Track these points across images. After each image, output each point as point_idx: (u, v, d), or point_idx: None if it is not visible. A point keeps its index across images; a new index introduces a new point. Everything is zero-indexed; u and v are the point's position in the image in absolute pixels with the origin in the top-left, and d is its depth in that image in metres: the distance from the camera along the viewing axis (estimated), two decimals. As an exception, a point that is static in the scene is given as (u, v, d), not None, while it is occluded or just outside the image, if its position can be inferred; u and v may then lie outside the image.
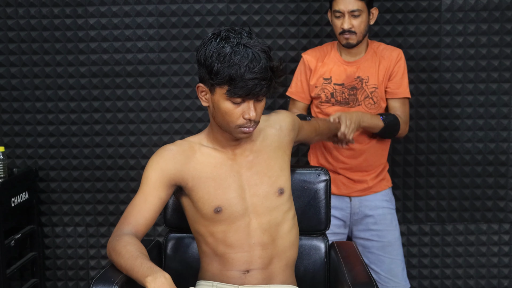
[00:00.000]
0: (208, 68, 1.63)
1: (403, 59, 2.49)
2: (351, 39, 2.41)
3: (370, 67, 2.48)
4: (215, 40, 1.64)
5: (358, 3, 2.36)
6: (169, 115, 2.98)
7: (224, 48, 1.61)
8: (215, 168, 1.77)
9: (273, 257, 1.80)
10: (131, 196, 3.02)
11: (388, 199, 2.59)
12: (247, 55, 1.60)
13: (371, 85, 2.46)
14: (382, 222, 2.55)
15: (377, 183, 2.56)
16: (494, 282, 3.04)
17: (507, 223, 3.00)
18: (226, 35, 1.64)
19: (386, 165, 2.61)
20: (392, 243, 2.56)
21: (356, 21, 2.38)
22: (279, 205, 1.81)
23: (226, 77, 1.60)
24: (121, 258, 1.60)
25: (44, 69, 2.96)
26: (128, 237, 1.64)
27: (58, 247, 3.11)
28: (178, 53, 2.93)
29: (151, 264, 1.56)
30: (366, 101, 2.47)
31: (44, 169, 3.04)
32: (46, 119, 3.00)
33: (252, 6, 2.89)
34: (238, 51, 1.60)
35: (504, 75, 2.89)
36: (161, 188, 1.73)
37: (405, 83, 2.48)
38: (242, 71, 1.59)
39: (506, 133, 2.93)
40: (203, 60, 1.65)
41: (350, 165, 2.53)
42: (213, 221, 1.76)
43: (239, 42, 1.62)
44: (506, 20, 2.86)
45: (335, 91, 2.49)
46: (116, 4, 2.90)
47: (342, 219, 2.60)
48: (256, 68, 1.59)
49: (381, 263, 2.57)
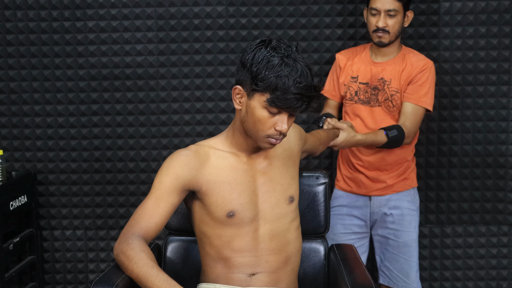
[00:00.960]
0: (253, 73, 1.63)
1: (430, 70, 2.49)
2: (384, 38, 2.45)
3: (394, 70, 2.50)
4: (265, 47, 1.64)
5: (395, 3, 2.40)
6: (168, 118, 2.98)
7: (274, 57, 1.61)
8: (230, 172, 1.77)
9: (280, 262, 1.80)
10: (130, 199, 3.03)
11: (410, 200, 2.60)
12: (296, 69, 1.60)
13: (392, 88, 2.49)
14: (400, 222, 2.58)
15: (398, 182, 2.58)
16: (493, 284, 3.04)
17: (506, 225, 3.01)
18: (276, 45, 1.64)
19: (410, 164, 2.62)
20: (408, 244, 2.58)
21: (391, 21, 2.42)
22: (288, 212, 1.82)
23: (272, 86, 1.60)
24: (133, 264, 1.60)
25: (42, 72, 2.96)
26: (140, 243, 1.64)
27: (57, 251, 3.10)
28: (177, 56, 2.93)
29: (167, 276, 1.57)
30: (386, 103, 2.50)
31: (43, 172, 3.04)
32: (45, 122, 2.99)
33: (251, 8, 2.89)
34: (288, 63, 1.60)
35: (503, 78, 2.90)
36: (174, 194, 1.72)
37: (423, 92, 2.46)
38: (290, 84, 1.59)
39: (505, 135, 2.93)
40: (249, 64, 1.64)
41: (368, 163, 2.57)
42: (223, 224, 1.75)
43: (289, 54, 1.62)
44: (505, 23, 2.86)
45: (359, 89, 2.55)
46: (115, 7, 2.90)
47: (362, 218, 2.63)
48: (303, 84, 1.60)
49: (395, 262, 2.60)
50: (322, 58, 2.93)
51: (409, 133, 2.44)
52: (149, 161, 3.01)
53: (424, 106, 2.47)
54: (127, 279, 1.63)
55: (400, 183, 2.59)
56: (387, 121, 2.51)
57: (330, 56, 2.91)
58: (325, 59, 2.93)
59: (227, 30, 2.91)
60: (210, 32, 2.91)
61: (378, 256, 2.69)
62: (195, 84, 2.95)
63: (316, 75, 2.93)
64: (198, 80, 2.95)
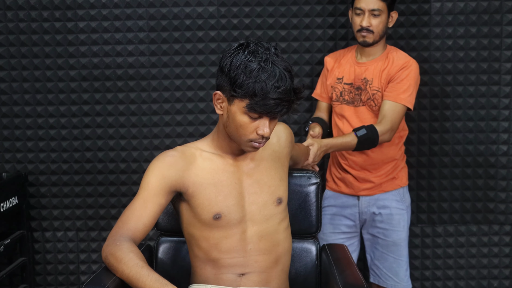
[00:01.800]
0: (232, 79, 1.61)
1: (411, 68, 2.48)
2: (368, 38, 2.47)
3: (376, 69, 2.52)
4: (243, 51, 1.62)
5: (379, 3, 2.42)
6: (159, 119, 2.97)
7: (252, 63, 1.59)
8: (216, 174, 1.77)
9: (270, 262, 1.80)
10: (122, 200, 3.02)
11: (399, 199, 2.61)
12: (274, 73, 1.58)
13: (374, 87, 2.50)
14: (388, 222, 2.59)
15: (386, 182, 2.59)
16: (484, 283, 3.05)
17: (497, 224, 3.02)
18: (254, 49, 1.62)
19: (398, 164, 2.63)
20: (397, 243, 2.60)
21: (375, 21, 2.44)
22: (276, 213, 1.82)
23: (250, 92, 1.59)
24: (123, 265, 1.59)
25: (33, 72, 2.95)
26: (129, 244, 1.63)
27: (48, 252, 3.09)
28: (169, 56, 2.93)
29: (158, 275, 1.56)
30: (368, 103, 2.51)
31: (34, 173, 3.02)
32: (36, 123, 2.98)
33: (243, 9, 2.89)
34: (266, 68, 1.58)
35: (493, 78, 2.91)
36: (161, 195, 1.72)
37: (402, 89, 2.46)
38: (268, 90, 1.57)
39: (495, 135, 2.94)
40: (228, 69, 1.62)
41: (354, 162, 2.58)
42: (210, 226, 1.75)
43: (267, 58, 1.60)
44: (495, 23, 2.87)
45: (344, 90, 2.57)
46: (106, 7, 2.89)
47: (351, 218, 2.65)
48: (282, 88, 1.58)
49: (384, 261, 2.62)
50: (313, 58, 2.93)
51: (385, 131, 2.39)
52: (141, 162, 3.00)
53: (402, 103, 2.45)
54: (118, 280, 1.62)
55: (388, 183, 2.60)
56: (372, 121, 2.51)
57: (321, 56, 2.92)
58: (317, 60, 2.93)
59: (219, 31, 2.91)
60: (201, 33, 2.91)
61: (369, 254, 2.70)
62: (187, 85, 2.95)
63: (308, 75, 2.93)
64: (190, 81, 2.95)
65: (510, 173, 2.97)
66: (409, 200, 2.68)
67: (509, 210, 3.00)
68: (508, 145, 2.95)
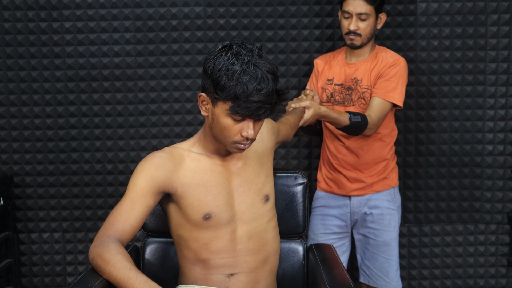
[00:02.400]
0: (214, 81, 1.61)
1: (400, 66, 2.50)
2: (356, 41, 2.49)
3: (366, 68, 2.54)
4: (226, 53, 1.61)
5: (366, 7, 2.43)
6: (146, 119, 2.96)
7: (234, 65, 1.58)
8: (205, 174, 1.76)
9: (258, 262, 1.80)
10: (109, 201, 3.00)
11: (390, 199, 2.62)
12: (256, 76, 1.58)
13: (363, 86, 2.52)
14: (379, 222, 2.60)
15: (377, 182, 2.60)
16: (471, 282, 3.07)
17: (483, 224, 3.04)
18: (237, 51, 1.61)
19: (389, 163, 2.63)
20: (387, 243, 2.60)
21: (363, 24, 2.45)
22: (264, 212, 1.82)
23: (231, 95, 1.58)
24: (111, 266, 1.57)
25: (18, 73, 2.92)
26: (116, 245, 1.62)
27: (34, 254, 3.07)
28: (155, 57, 2.92)
29: (146, 278, 1.55)
30: (359, 102, 2.52)
31: (20, 174, 3.00)
32: (22, 124, 2.96)
33: (229, 9, 2.89)
34: (248, 70, 1.58)
35: (478, 78, 2.93)
36: (149, 196, 1.71)
37: (391, 87, 2.48)
38: (249, 92, 1.57)
39: (481, 134, 2.96)
40: (211, 71, 1.62)
41: (345, 162, 2.59)
42: (200, 227, 1.75)
43: (249, 60, 1.59)
44: (480, 23, 2.89)
45: (335, 91, 2.58)
46: (92, 7, 2.88)
47: (342, 218, 2.65)
48: (264, 90, 1.57)
49: (375, 261, 2.62)
50: (300, 58, 2.94)
51: (372, 125, 2.43)
52: (128, 162, 2.99)
53: (391, 100, 2.47)
54: (104, 282, 1.62)
55: (380, 183, 2.61)
56: None
57: (308, 56, 2.92)
58: (304, 60, 2.93)
59: (205, 31, 2.90)
60: (188, 33, 2.90)
61: (359, 254, 2.71)
62: (173, 85, 2.94)
63: (294, 75, 2.94)
64: (176, 81, 2.94)
65: (495, 173, 2.99)
66: (400, 199, 2.69)
67: (494, 210, 3.02)
68: (494, 145, 2.97)
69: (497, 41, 2.90)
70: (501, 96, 2.93)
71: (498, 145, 2.97)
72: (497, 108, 2.94)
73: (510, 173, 2.99)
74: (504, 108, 2.94)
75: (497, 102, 2.94)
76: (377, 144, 2.57)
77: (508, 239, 3.05)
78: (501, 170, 2.99)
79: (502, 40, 2.90)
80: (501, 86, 2.93)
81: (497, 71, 2.92)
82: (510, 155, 2.98)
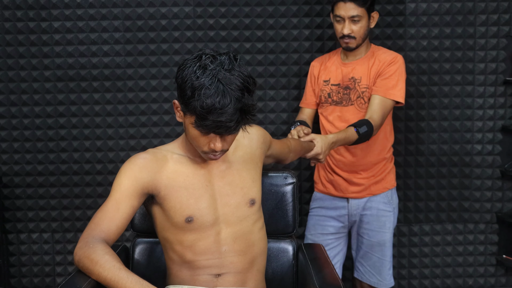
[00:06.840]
0: (181, 93, 1.59)
1: (398, 63, 2.50)
2: (351, 43, 2.48)
3: (364, 68, 2.53)
4: (194, 65, 1.57)
5: (358, 9, 2.41)
6: (136, 119, 2.95)
7: (198, 79, 1.54)
8: (187, 177, 1.76)
9: (246, 263, 1.80)
10: (98, 202, 2.99)
11: (386, 201, 2.63)
12: (217, 93, 1.52)
13: (363, 85, 2.51)
14: (374, 223, 2.60)
15: (374, 184, 2.60)
16: (459, 281, 3.09)
17: (472, 223, 3.06)
18: (205, 63, 1.56)
19: (386, 165, 2.63)
20: (381, 243, 2.61)
21: (356, 26, 2.44)
22: (249, 215, 1.81)
23: (193, 110, 1.56)
24: (99, 267, 1.56)
25: (7, 73, 2.91)
26: (103, 245, 1.61)
27: (23, 254, 3.05)
28: (145, 57, 2.91)
29: (137, 277, 1.54)
30: (358, 101, 2.52)
31: (8, 175, 2.98)
32: (10, 124, 2.94)
33: (219, 9, 2.89)
34: (210, 87, 1.52)
35: (467, 78, 2.95)
36: (133, 197, 1.70)
37: (391, 84, 2.47)
38: (208, 110, 1.53)
39: (470, 134, 2.98)
40: (180, 82, 1.60)
41: (342, 163, 2.59)
42: (183, 229, 1.74)
43: (214, 75, 1.53)
44: (469, 24, 2.91)
45: (332, 91, 2.58)
46: (81, 7, 2.87)
47: (339, 220, 2.65)
48: (224, 109, 1.52)
49: (368, 259, 2.64)
50: (289, 58, 2.94)
51: (376, 127, 2.42)
52: (117, 162, 2.98)
53: (392, 98, 2.47)
54: (93, 282, 1.61)
55: (377, 185, 2.60)
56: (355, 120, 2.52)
57: (297, 56, 2.93)
58: (293, 60, 2.94)
59: (195, 31, 2.90)
60: (177, 33, 2.89)
61: (354, 251, 2.72)
62: (163, 85, 2.93)
63: (284, 75, 2.94)
64: (166, 81, 2.93)
65: (484, 172, 3.01)
66: (397, 200, 2.69)
67: (483, 209, 3.03)
68: (482, 145, 2.98)
69: (485, 41, 2.92)
70: (490, 96, 2.95)
71: (487, 145, 2.98)
72: (486, 108, 2.96)
73: (499, 172, 3.00)
74: (492, 108, 2.96)
75: (486, 102, 2.96)
76: (376, 146, 2.57)
77: (497, 239, 3.06)
78: (490, 170, 3.00)
79: (490, 40, 2.91)
80: (490, 86, 2.95)
81: (485, 71, 2.94)
82: (499, 155, 2.99)
